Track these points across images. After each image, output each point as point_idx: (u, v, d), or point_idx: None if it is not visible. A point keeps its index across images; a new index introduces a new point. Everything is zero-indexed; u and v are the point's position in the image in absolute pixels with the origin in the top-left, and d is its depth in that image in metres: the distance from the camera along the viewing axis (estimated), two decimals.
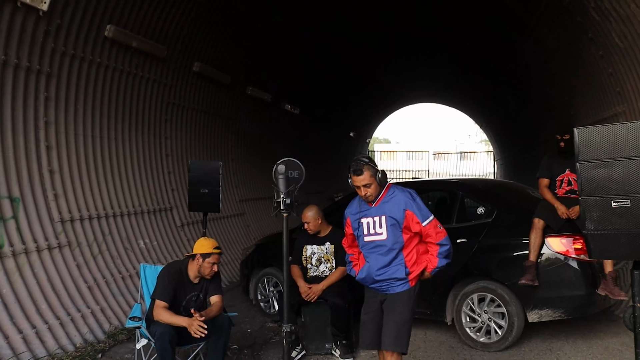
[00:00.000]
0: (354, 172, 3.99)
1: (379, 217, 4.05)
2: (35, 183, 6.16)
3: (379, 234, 4.06)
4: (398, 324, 4.00)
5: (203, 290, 4.88)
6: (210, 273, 4.76)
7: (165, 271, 4.82)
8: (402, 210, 4.00)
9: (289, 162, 2.88)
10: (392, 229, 4.02)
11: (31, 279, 5.71)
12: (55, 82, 6.50)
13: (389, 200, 4.07)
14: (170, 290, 4.67)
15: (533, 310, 5.44)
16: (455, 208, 6.18)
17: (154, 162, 8.62)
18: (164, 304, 4.62)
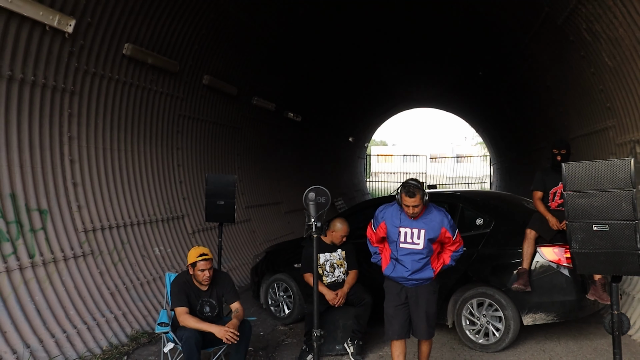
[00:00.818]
0: (407, 194, 4.68)
1: (418, 230, 4.81)
2: (60, 195, 6.55)
3: (416, 244, 4.82)
4: (431, 316, 4.93)
5: (214, 295, 5.29)
6: (204, 279, 5.15)
7: (174, 283, 5.24)
8: (439, 228, 4.81)
9: (317, 189, 3.30)
10: (428, 242, 4.80)
11: (60, 286, 6.11)
12: (78, 99, 6.90)
13: (427, 217, 4.83)
14: (184, 296, 5.09)
15: (528, 314, 5.87)
16: (456, 219, 6.60)
17: (166, 172, 9.02)
18: (185, 310, 5.04)
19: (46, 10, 5.95)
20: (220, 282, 5.36)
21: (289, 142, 15.74)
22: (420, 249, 4.81)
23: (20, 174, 6.00)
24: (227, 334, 4.83)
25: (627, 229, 2.77)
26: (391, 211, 4.93)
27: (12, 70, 5.80)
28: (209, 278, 5.18)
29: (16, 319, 5.42)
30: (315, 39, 13.34)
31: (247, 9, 9.95)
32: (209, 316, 5.25)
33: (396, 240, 4.86)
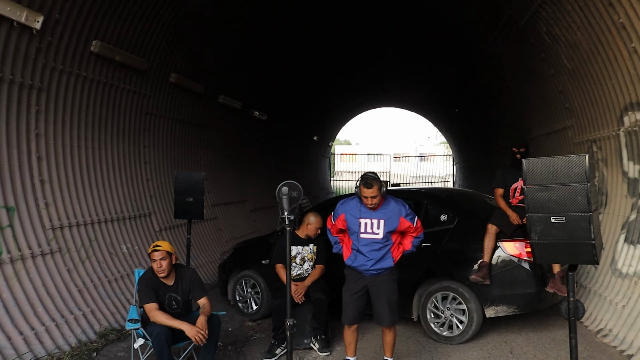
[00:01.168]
0: (365, 185, 4.98)
1: (377, 220, 5.11)
2: (28, 193, 6.51)
3: (376, 234, 5.12)
4: (392, 303, 5.20)
5: (180, 290, 5.36)
6: (161, 270, 5.21)
7: (141, 280, 5.31)
8: (397, 218, 5.13)
9: (290, 184, 3.41)
10: (387, 231, 5.11)
11: (28, 283, 6.08)
12: (45, 96, 6.85)
13: (386, 208, 5.15)
14: (152, 292, 5.16)
15: (490, 306, 6.09)
16: (421, 215, 6.79)
17: (133, 170, 9.00)
18: (155, 306, 5.10)
19: (14, 6, 5.91)
20: (187, 278, 5.42)
21: (255, 141, 15.78)
22: (380, 238, 5.11)
23: None
24: (198, 335, 4.89)
25: (582, 221, 2.96)
26: (351, 204, 5.24)
27: None
28: (165, 270, 5.22)
29: None
30: (282, 38, 13.43)
31: (214, 9, 10.00)
32: (177, 311, 5.31)
33: (357, 232, 5.14)
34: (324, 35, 14.59)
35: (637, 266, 6.09)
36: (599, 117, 7.37)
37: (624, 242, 6.54)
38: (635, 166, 6.47)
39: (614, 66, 6.50)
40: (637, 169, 6.44)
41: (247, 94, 13.93)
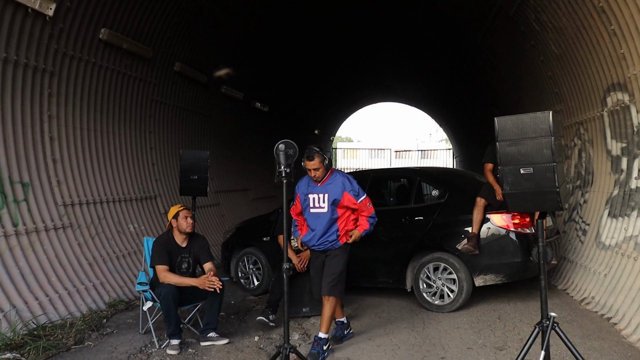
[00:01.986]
0: (306, 157, 5.11)
1: (323, 194, 5.28)
2: (41, 170, 6.88)
3: (322, 208, 5.29)
4: (334, 275, 5.27)
5: (191, 253, 5.74)
6: (188, 225, 5.68)
7: (156, 242, 5.69)
8: (340, 192, 5.25)
9: (286, 142, 3.78)
10: (331, 205, 5.25)
11: (42, 254, 6.45)
12: (57, 80, 7.22)
13: (331, 182, 5.29)
14: (165, 254, 5.53)
15: (479, 275, 6.44)
16: (414, 191, 7.15)
17: (140, 154, 9.37)
18: (165, 267, 5.47)
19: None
20: (198, 242, 5.80)
21: (256, 132, 16.14)
22: (325, 212, 5.27)
23: (3, 147, 6.31)
24: (206, 282, 5.28)
25: (548, 171, 3.29)
26: (302, 182, 5.47)
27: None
28: (192, 225, 5.70)
29: (2, 281, 5.75)
30: (284, 31, 13.79)
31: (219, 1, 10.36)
32: (185, 273, 5.68)
33: (307, 207, 5.37)
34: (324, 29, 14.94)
35: (618, 237, 6.43)
36: (585, 100, 7.71)
37: (607, 216, 6.89)
38: (618, 144, 6.82)
39: (597, 49, 6.84)
40: (619, 147, 6.78)
41: (248, 85, 14.30)
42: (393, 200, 8.55)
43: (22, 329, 5.56)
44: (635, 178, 6.22)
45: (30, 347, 5.18)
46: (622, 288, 5.93)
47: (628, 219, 6.27)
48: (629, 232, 6.19)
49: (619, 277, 6.09)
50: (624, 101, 6.49)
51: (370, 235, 7.12)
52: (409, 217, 6.92)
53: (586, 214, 7.62)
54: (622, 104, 6.54)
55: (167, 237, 5.75)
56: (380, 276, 7.10)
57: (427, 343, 5.50)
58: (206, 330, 5.57)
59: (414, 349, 5.32)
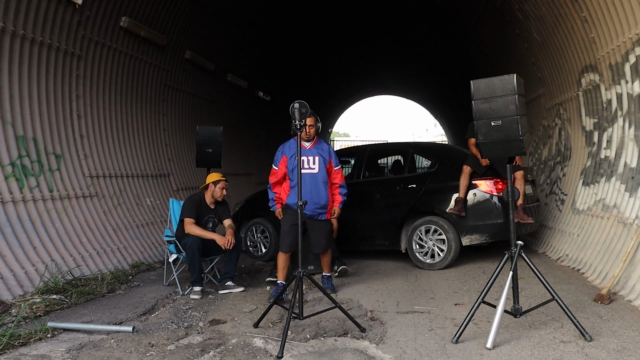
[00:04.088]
0: None
1: (313, 157, 5.90)
2: (70, 144, 7.62)
3: (313, 169, 5.87)
4: (326, 235, 6.04)
5: (217, 215, 6.51)
6: (221, 195, 6.46)
7: (188, 199, 6.46)
8: (328, 156, 5.99)
9: (300, 102, 4.57)
10: (322, 166, 5.90)
11: (73, 218, 7.20)
12: (84, 63, 7.95)
13: (320, 147, 5.99)
14: (195, 211, 6.28)
15: (466, 235, 7.20)
16: (407, 162, 7.92)
17: (155, 135, 10.11)
18: (192, 220, 6.23)
19: None
20: (222, 205, 6.57)
21: (260, 120, 16.91)
22: (317, 172, 5.88)
23: (39, 122, 7.04)
24: (226, 241, 6.04)
25: (513, 123, 4.04)
26: (289, 144, 6.01)
27: (33, 34, 6.83)
28: (224, 195, 6.49)
29: (43, 238, 6.50)
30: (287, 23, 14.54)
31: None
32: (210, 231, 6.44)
33: (294, 169, 5.79)
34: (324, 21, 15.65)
35: (590, 202, 7.20)
36: (563, 82, 8.48)
37: (581, 185, 7.66)
38: (591, 120, 7.58)
39: (572, 35, 7.60)
40: (592, 123, 7.55)
41: (253, 75, 15.06)
42: (389, 172, 9.34)
43: (61, 278, 6.30)
44: (604, 148, 6.98)
45: (71, 292, 5.93)
46: (590, 243, 6.70)
47: (598, 184, 7.03)
48: (598, 196, 6.95)
49: (589, 235, 6.85)
50: (595, 81, 7.25)
51: (368, 203, 7.93)
52: (403, 185, 7.69)
53: (564, 186, 8.38)
54: (594, 83, 7.30)
55: (199, 197, 6.50)
56: (378, 239, 7.86)
57: (419, 289, 6.27)
58: (224, 279, 6.32)
59: (407, 293, 6.08)
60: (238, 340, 4.36)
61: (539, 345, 4.17)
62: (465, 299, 5.73)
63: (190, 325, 4.95)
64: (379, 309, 5.39)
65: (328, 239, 6.13)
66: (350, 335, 4.56)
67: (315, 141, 6.01)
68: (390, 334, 4.58)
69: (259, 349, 4.16)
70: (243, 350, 4.11)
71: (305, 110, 4.60)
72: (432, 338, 4.45)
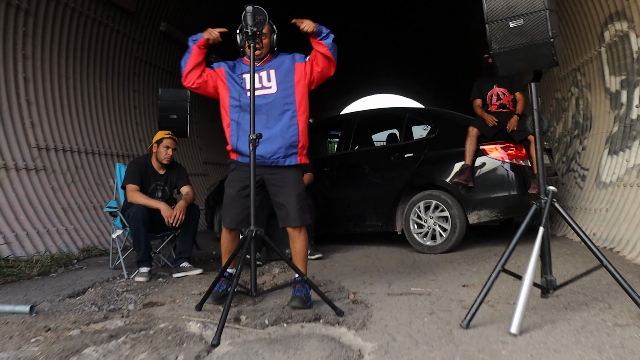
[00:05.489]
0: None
1: (267, 71, 3.74)
2: (13, 110, 6.55)
3: (267, 88, 3.70)
4: (300, 197, 3.76)
5: (168, 182, 5.41)
6: (166, 157, 5.33)
7: (131, 162, 5.39)
8: (292, 64, 3.78)
9: (256, 8, 3.38)
10: (283, 83, 3.72)
11: (10, 192, 6.11)
12: (33, 19, 6.92)
13: (274, 59, 3.84)
14: (138, 176, 5.20)
15: (473, 211, 6.07)
16: (403, 129, 6.81)
17: (123, 111, 9.04)
18: (135, 187, 5.14)
19: None
20: (175, 171, 5.47)
21: None
22: (274, 92, 3.69)
23: None
24: (172, 215, 4.90)
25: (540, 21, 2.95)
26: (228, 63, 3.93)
27: None
28: (170, 158, 5.36)
29: None
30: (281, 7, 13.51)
31: None
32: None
33: (242, 92, 3.71)
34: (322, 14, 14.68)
35: (619, 172, 6.10)
36: (582, 43, 7.41)
37: (607, 155, 6.55)
38: (617, 79, 6.49)
39: None
40: (618, 81, 6.46)
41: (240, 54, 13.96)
42: (382, 140, 8.21)
43: None
44: (636, 106, 5.88)
45: None
46: (624, 217, 5.58)
47: (629, 150, 5.93)
48: (630, 163, 5.85)
49: (622, 208, 5.74)
50: (622, 30, 6.17)
51: (358, 176, 6.82)
52: (398, 154, 6.59)
53: (584, 160, 7.27)
54: (621, 32, 6.22)
55: (145, 160, 5.42)
56: (369, 219, 6.75)
57: (417, 271, 5.14)
58: (179, 260, 5.22)
59: (402, 275, 4.95)
60: (167, 325, 3.25)
61: (584, 330, 3.01)
62: (475, 280, 4.61)
63: (116, 309, 3.82)
64: (365, 292, 4.26)
65: (302, 201, 3.75)
66: (323, 321, 3.39)
67: (269, 58, 3.83)
68: (376, 317, 3.43)
69: (190, 335, 3.04)
70: (167, 336, 2.98)
71: (263, 18, 3.42)
72: (433, 322, 3.30)
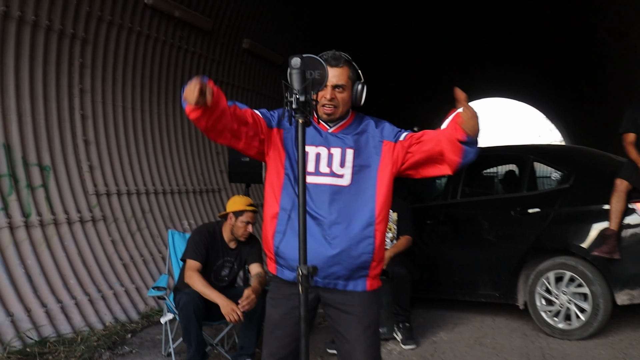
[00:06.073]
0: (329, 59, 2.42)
1: (341, 149, 2.43)
2: (68, 152, 5.79)
3: (339, 176, 2.40)
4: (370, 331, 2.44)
5: (239, 259, 4.36)
6: (244, 234, 4.25)
7: (196, 231, 4.34)
8: (378, 141, 2.45)
9: (306, 58, 2.13)
10: (360, 170, 2.42)
11: (60, 251, 5.32)
12: (91, 48, 6.16)
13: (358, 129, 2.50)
14: (203, 249, 4.16)
15: (622, 290, 4.61)
16: (526, 175, 5.41)
17: (201, 140, 8.21)
18: (196, 265, 4.10)
19: None
20: (248, 245, 4.40)
21: None
22: (346, 185, 2.40)
23: (17, 123, 5.24)
24: (233, 313, 3.79)
25: None
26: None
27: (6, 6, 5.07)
28: (248, 234, 4.31)
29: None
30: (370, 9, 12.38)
31: None
32: (223, 283, 4.31)
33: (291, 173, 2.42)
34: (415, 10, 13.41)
35: None
36: None
37: None
38: None
39: None
40: None
41: None
42: (499, 187, 6.78)
43: (15, 342, 4.41)
44: None
45: None
46: None
47: None
48: None
49: None
50: None
51: (469, 233, 5.53)
52: (521, 208, 5.18)
53: None
54: None
55: (214, 230, 4.37)
56: (483, 287, 5.41)
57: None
58: (240, 357, 4.15)
59: None
60: None
61: None
62: None
63: None
64: None
65: (371, 337, 2.44)
66: None
67: (352, 118, 2.54)
68: None
69: None
70: None
71: (320, 74, 2.17)
72: None
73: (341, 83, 2.43)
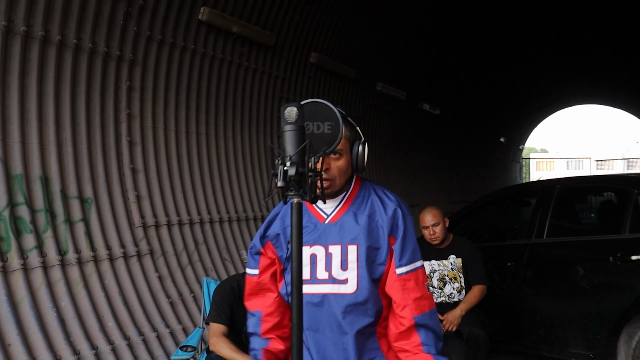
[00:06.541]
0: None
1: (342, 246, 1.95)
2: (113, 182, 5.43)
3: (341, 282, 1.94)
4: None
5: None
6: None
7: (217, 289, 3.80)
8: (385, 236, 1.95)
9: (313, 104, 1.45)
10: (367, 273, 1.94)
11: (98, 291, 4.93)
12: (140, 70, 5.80)
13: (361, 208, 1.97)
14: (226, 309, 3.62)
15: None
16: (629, 213, 4.49)
17: (263, 163, 7.72)
18: (221, 329, 3.58)
19: None
20: None
21: (425, 138, 14.00)
22: (352, 292, 1.93)
23: (56, 153, 4.91)
24: None
25: None
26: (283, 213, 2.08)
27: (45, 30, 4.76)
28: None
29: (27, 329, 4.28)
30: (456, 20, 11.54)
31: None
32: None
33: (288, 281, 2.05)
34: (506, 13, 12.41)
35: None
36: None
37: None
38: None
39: None
40: None
41: (412, 84, 12.17)
42: (594, 226, 5.81)
43: None
44: None
45: None
46: None
47: None
48: None
49: None
50: None
51: (557, 280, 4.69)
52: (622, 254, 4.29)
53: None
54: None
55: (238, 284, 3.82)
56: (574, 345, 4.55)
57: None
58: None
59: None
60: None
61: None
62: None
63: None
64: None
65: None
66: None
67: (356, 190, 2.02)
68: None
69: None
70: None
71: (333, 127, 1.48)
72: None
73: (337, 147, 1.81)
